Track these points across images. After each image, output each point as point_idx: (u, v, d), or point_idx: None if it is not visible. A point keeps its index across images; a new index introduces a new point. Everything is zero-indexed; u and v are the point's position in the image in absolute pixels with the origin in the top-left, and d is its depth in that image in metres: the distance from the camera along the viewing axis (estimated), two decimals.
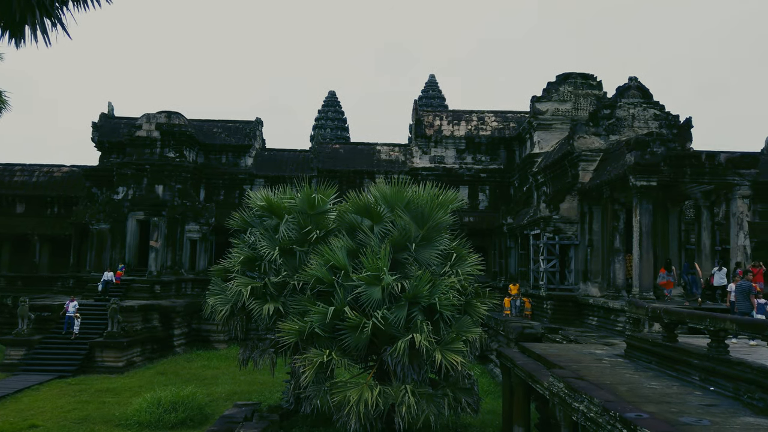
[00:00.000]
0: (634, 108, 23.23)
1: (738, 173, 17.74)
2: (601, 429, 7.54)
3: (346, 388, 10.50)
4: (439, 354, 10.64)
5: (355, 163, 33.68)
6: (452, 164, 33.45)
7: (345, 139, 50.70)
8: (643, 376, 10.28)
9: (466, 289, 12.16)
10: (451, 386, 11.66)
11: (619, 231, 20.54)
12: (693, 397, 8.55)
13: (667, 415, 7.37)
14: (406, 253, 11.62)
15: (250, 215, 13.98)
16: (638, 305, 12.67)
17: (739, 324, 9.12)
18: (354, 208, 12.68)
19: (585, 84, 28.58)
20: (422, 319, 10.86)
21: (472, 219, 31.81)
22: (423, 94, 53.20)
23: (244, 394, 17.91)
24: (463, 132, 34.10)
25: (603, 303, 19.46)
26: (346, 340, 10.87)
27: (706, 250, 19.97)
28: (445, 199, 12.35)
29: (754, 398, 8.03)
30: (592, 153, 22.61)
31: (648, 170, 17.82)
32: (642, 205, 18.18)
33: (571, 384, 8.94)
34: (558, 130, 27.94)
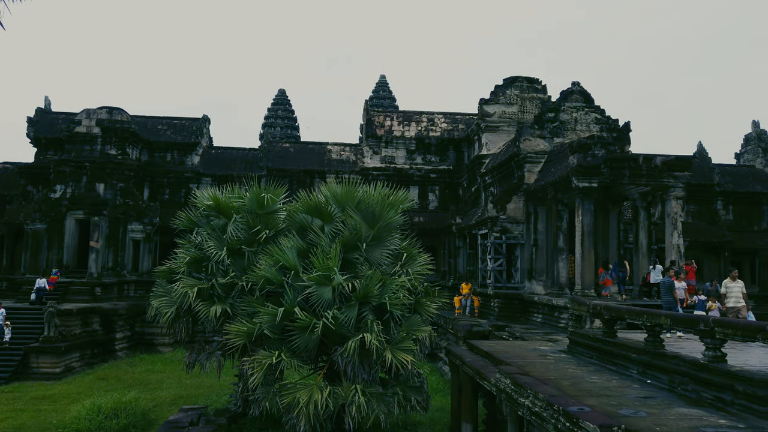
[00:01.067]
0: (577, 112, 24.05)
1: (672, 175, 18.65)
2: (545, 423, 7.78)
3: (295, 389, 10.41)
4: (390, 353, 10.70)
5: (306, 162, 33.43)
6: (403, 164, 33.69)
7: (295, 138, 50.21)
8: (584, 371, 10.66)
9: (417, 288, 12.28)
10: (401, 385, 11.75)
11: (563, 230, 21.23)
12: (631, 390, 8.93)
13: (607, 407, 7.67)
14: (356, 252, 11.63)
15: (196, 215, 13.65)
16: (580, 302, 13.13)
17: (674, 319, 9.61)
18: (304, 207, 12.58)
19: (530, 88, 29.39)
20: (373, 318, 10.90)
21: (422, 219, 32.13)
22: (374, 95, 53.34)
23: (191, 398, 17.47)
24: (413, 133, 34.41)
25: (547, 300, 20.06)
26: (296, 341, 10.78)
27: (643, 249, 20.88)
28: (395, 199, 12.43)
29: (688, 390, 8.47)
30: (537, 155, 23.27)
31: (589, 172, 18.48)
32: (584, 206, 18.84)
33: (517, 380, 9.17)
34: (505, 132, 28.61)
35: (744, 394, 7.41)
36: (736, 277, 13.96)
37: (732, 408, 7.51)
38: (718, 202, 32.25)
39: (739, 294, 13.58)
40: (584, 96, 24.33)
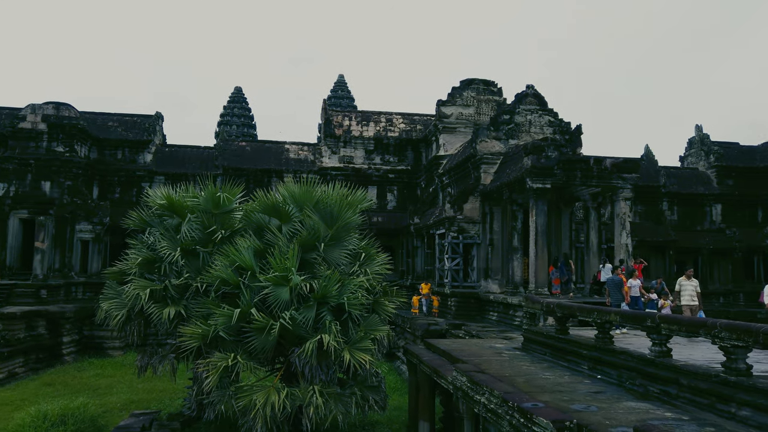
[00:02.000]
0: (531, 114, 24.60)
1: (621, 177, 19.32)
2: (500, 419, 7.93)
3: (252, 391, 10.26)
4: (348, 353, 10.68)
5: (263, 161, 33.01)
6: (361, 164, 33.69)
7: (252, 136, 49.50)
8: (538, 368, 10.92)
9: (375, 288, 12.30)
10: (359, 385, 11.75)
11: (517, 230, 21.68)
12: (582, 386, 9.21)
13: (559, 403, 7.88)
14: (314, 252, 11.56)
15: (149, 214, 13.28)
16: (534, 300, 13.44)
17: (622, 316, 9.95)
18: (262, 207, 12.43)
19: (487, 90, 29.90)
20: (331, 319, 10.86)
21: (381, 219, 32.22)
22: (332, 94, 53.15)
23: (142, 403, 16.99)
24: (371, 133, 34.45)
25: (502, 299, 20.44)
26: (252, 343, 10.63)
27: (594, 248, 21.55)
28: (354, 199, 12.42)
29: (635, 384, 8.79)
30: (493, 156, 23.69)
31: (543, 173, 18.94)
32: (538, 206, 19.30)
33: (473, 377, 9.31)
34: (462, 134, 29.02)
35: (688, 388, 7.74)
36: (691, 275, 14.30)
37: (677, 401, 7.84)
38: (664, 203, 33.59)
39: (693, 292, 13.88)
40: (538, 99, 24.91)
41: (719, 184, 33.92)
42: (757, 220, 33.24)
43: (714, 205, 33.84)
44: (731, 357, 7.14)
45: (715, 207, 33.86)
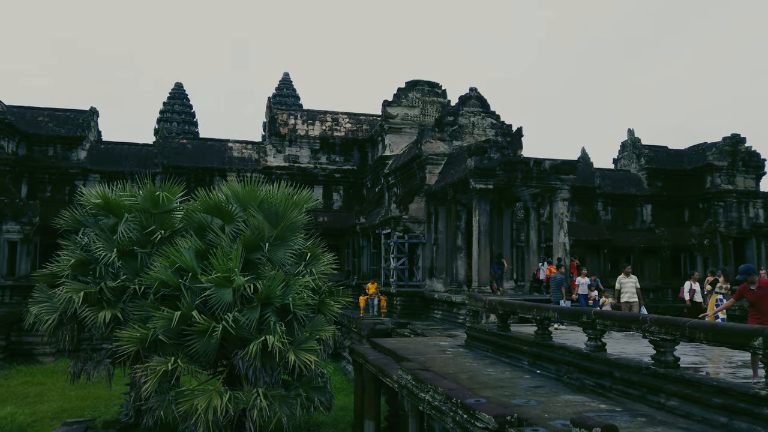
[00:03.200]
0: (474, 116, 25.12)
1: (560, 178, 20.02)
2: (444, 416, 8.06)
3: (193, 396, 10.00)
4: (293, 354, 10.57)
5: (205, 159, 32.18)
6: (307, 164, 33.42)
7: (193, 134, 48.14)
8: (481, 364, 11.16)
9: (321, 288, 12.23)
10: (304, 386, 11.65)
11: (461, 230, 22.09)
12: (523, 381, 9.49)
13: (501, 398, 8.09)
14: (259, 253, 11.38)
15: (83, 214, 12.69)
16: (477, 298, 13.73)
17: (560, 313, 10.32)
18: (203, 207, 12.11)
19: (431, 92, 30.29)
20: (275, 320, 10.72)
21: (327, 219, 32.05)
22: (277, 92, 52.42)
23: (76, 411, 16.23)
24: (317, 132, 34.24)
25: (447, 297, 20.78)
26: (194, 346, 10.35)
27: (534, 247, 22.23)
28: (299, 198, 12.30)
29: (573, 378, 9.13)
30: (437, 157, 24.03)
31: (486, 174, 19.38)
32: (480, 206, 19.73)
33: (417, 375, 9.42)
34: (407, 134, 29.28)
35: (621, 380, 8.12)
36: (630, 272, 14.64)
37: (611, 393, 8.20)
38: (599, 203, 35.05)
39: (632, 289, 14.21)
40: (481, 101, 25.47)
41: (649, 186, 35.69)
42: (683, 220, 35.18)
43: (645, 206, 35.59)
44: (660, 350, 7.53)
45: (645, 207, 35.61)
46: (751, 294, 7.68)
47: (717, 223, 32.10)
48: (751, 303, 7.76)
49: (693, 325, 7.05)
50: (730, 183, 32.79)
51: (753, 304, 7.72)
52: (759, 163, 33.24)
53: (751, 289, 7.67)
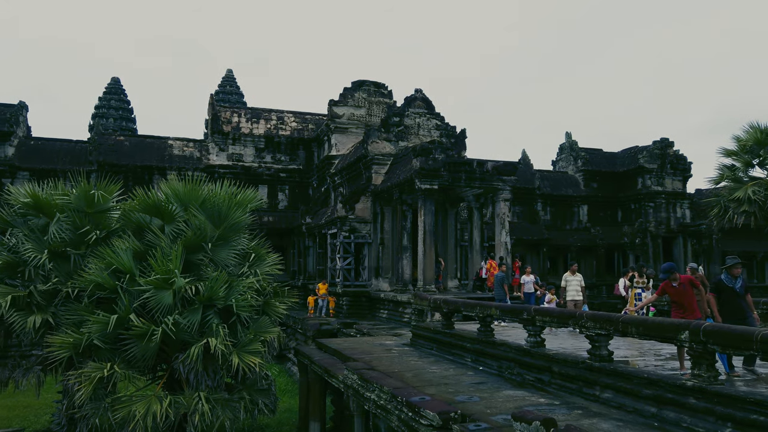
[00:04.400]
0: (420, 117, 25.42)
1: (501, 179, 20.55)
2: (390, 415, 8.12)
3: (131, 402, 9.64)
4: (236, 357, 10.37)
5: (144, 157, 31.07)
6: (251, 163, 32.85)
7: (131, 131, 46.37)
8: (426, 362, 11.31)
9: (265, 289, 12.05)
10: (248, 389, 11.45)
11: (407, 230, 22.29)
12: (466, 377, 9.68)
13: (445, 395, 8.23)
14: (201, 253, 11.09)
15: (10, 213, 11.99)
16: (422, 297, 13.91)
17: (502, 310, 10.59)
18: (142, 206, 11.68)
19: (377, 92, 30.42)
20: (218, 322, 10.48)
21: (272, 219, 31.62)
22: (220, 89, 51.21)
23: (3, 421, 15.35)
24: (262, 130, 33.71)
25: (392, 297, 20.92)
26: (131, 351, 9.98)
27: (477, 246, 22.71)
28: (243, 198, 12.07)
29: (514, 374, 9.40)
30: (383, 157, 24.16)
31: (431, 175, 19.65)
32: (426, 206, 19.98)
33: (363, 375, 9.46)
34: (354, 134, 29.28)
35: (559, 374, 8.42)
36: (576, 270, 14.85)
37: (550, 387, 8.49)
38: (539, 203, 36.19)
39: (577, 287, 14.39)
40: (426, 103, 25.79)
41: (585, 187, 37.14)
42: (617, 220, 36.80)
43: (581, 206, 37.01)
44: (595, 344, 7.86)
45: (582, 208, 37.03)
46: (673, 290, 8.17)
47: (647, 223, 33.76)
48: (673, 299, 8.25)
49: (625, 320, 7.41)
50: (659, 185, 34.54)
51: (675, 300, 8.22)
52: (686, 166, 35.17)
53: (674, 286, 8.16)
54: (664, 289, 8.31)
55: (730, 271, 7.97)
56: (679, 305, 8.15)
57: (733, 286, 7.87)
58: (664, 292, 8.34)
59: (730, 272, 7.96)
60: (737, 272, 7.94)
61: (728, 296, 7.90)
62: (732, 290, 7.87)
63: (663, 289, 8.32)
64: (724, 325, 6.78)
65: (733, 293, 7.86)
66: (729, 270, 7.98)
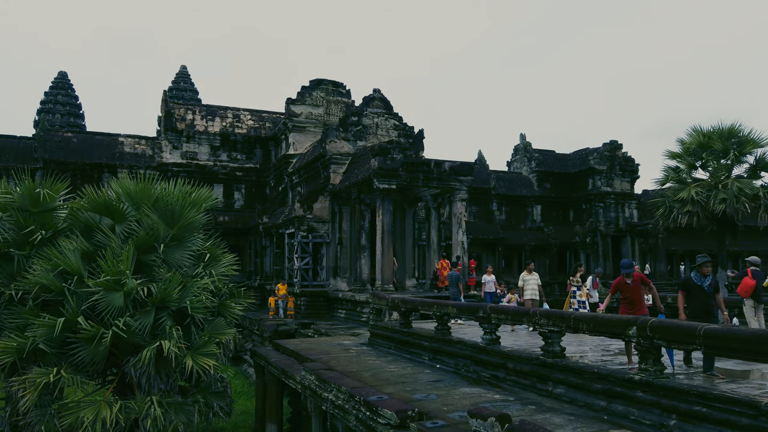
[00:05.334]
0: (378, 117, 25.47)
1: (458, 179, 20.82)
2: (347, 414, 8.12)
3: (79, 408, 9.31)
4: (190, 359, 10.15)
5: (93, 155, 30.00)
6: (206, 161, 32.20)
7: (80, 127, 44.71)
8: (384, 361, 11.35)
9: (221, 289, 11.84)
10: (202, 392, 11.23)
11: (365, 229, 22.32)
12: (424, 375, 9.76)
13: (403, 394, 8.28)
14: (153, 254, 10.80)
15: None
16: (380, 296, 13.95)
17: (459, 308, 10.73)
18: (91, 205, 11.28)
19: (336, 91, 30.32)
20: (171, 324, 10.23)
21: (228, 218, 31.08)
22: (174, 86, 49.97)
23: None
24: (218, 128, 33.08)
25: (351, 296, 20.90)
26: (79, 355, 9.63)
27: (434, 246, 22.94)
28: (198, 197, 11.81)
29: (470, 371, 9.54)
30: (342, 157, 24.10)
31: (389, 174, 19.73)
32: (384, 206, 20.04)
33: (321, 375, 9.42)
34: (312, 133, 29.09)
35: (514, 371, 8.59)
36: (533, 269, 14.80)
37: (505, 384, 8.66)
38: (494, 203, 36.85)
39: (535, 286, 14.41)
40: (384, 103, 25.88)
41: (539, 187, 38.04)
42: (569, 220, 37.82)
43: (535, 206, 37.88)
44: (549, 341, 8.07)
45: (535, 207, 37.91)
46: (626, 287, 8.38)
47: (598, 223, 34.85)
48: (624, 295, 8.39)
49: (577, 317, 7.63)
50: (609, 185, 35.68)
51: (626, 296, 8.37)
52: (634, 167, 36.45)
53: (627, 283, 8.37)
54: (617, 286, 8.45)
55: (699, 269, 7.99)
56: (629, 301, 8.32)
57: (701, 285, 7.92)
58: (618, 289, 8.47)
59: (699, 271, 7.99)
60: (707, 271, 7.97)
61: (697, 294, 7.94)
62: (701, 288, 7.92)
63: (617, 285, 8.47)
64: (670, 320, 7.08)
65: (701, 291, 7.91)
66: (699, 268, 8.00)
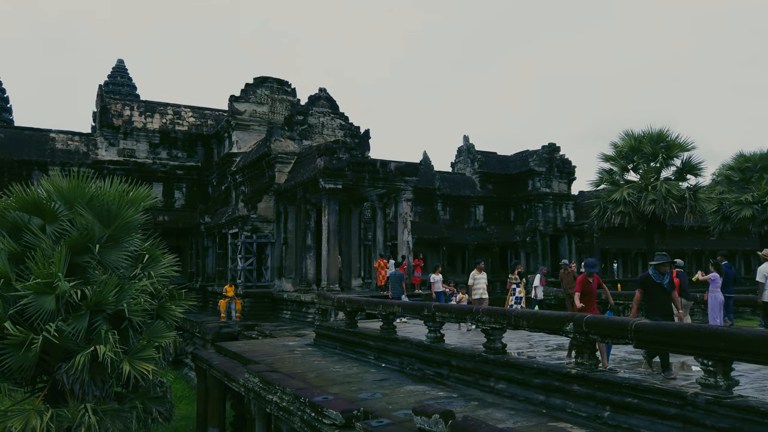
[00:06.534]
0: (324, 117, 25.36)
1: (404, 180, 21.01)
2: (292, 416, 8.05)
3: (6, 417, 8.81)
4: (127, 364, 9.78)
5: (22, 151, 28.40)
6: (145, 159, 31.09)
7: (7, 122, 42.21)
8: (329, 361, 11.32)
9: (160, 291, 11.46)
10: (140, 397, 10.85)
11: (311, 229, 22.16)
12: (369, 375, 9.81)
13: (348, 394, 8.29)
14: (88, 255, 10.34)
15: None
16: (326, 297, 13.90)
17: (404, 307, 10.84)
18: (19, 204, 10.68)
19: (280, 89, 29.92)
20: (107, 328, 9.83)
21: (168, 218, 30.13)
22: (110, 80, 47.94)
23: None
24: (157, 125, 32.00)
25: (296, 297, 20.71)
26: (6, 361, 9.10)
27: (380, 246, 23.05)
28: (136, 195, 11.39)
29: (415, 369, 9.65)
30: (287, 156, 23.83)
31: (335, 174, 19.67)
32: (330, 206, 19.97)
33: (265, 377, 9.30)
34: (256, 132, 28.59)
35: (458, 368, 8.76)
36: (482, 268, 14.88)
37: (449, 381, 8.82)
38: (439, 203, 37.41)
39: (484, 285, 14.52)
40: (330, 102, 25.78)
41: (481, 188, 38.90)
42: (510, 220, 38.86)
43: (478, 206, 38.71)
44: (490, 338, 8.27)
45: (478, 208, 38.74)
46: (588, 285, 8.54)
47: (537, 222, 35.99)
48: (584, 292, 8.52)
49: (518, 314, 7.87)
50: (547, 187, 36.90)
51: (585, 294, 8.50)
52: (570, 169, 37.85)
53: (589, 281, 8.54)
54: (581, 283, 8.55)
55: (658, 268, 8.00)
56: (588, 299, 8.45)
57: (661, 282, 7.96)
58: (582, 287, 8.54)
59: (658, 269, 7.99)
60: (665, 269, 8.01)
61: (656, 292, 7.97)
62: (660, 286, 7.96)
63: (581, 283, 8.56)
64: (604, 316, 7.41)
65: (661, 289, 7.97)
66: (658, 267, 8.01)
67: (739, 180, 25.82)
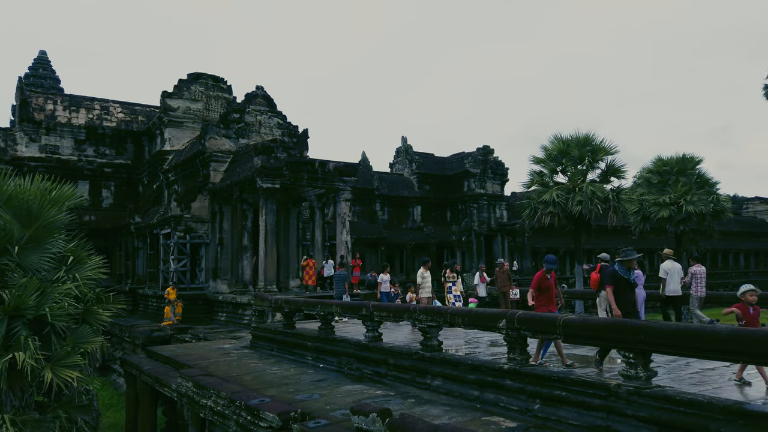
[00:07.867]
0: (261, 115, 24.95)
1: (342, 180, 21.00)
2: (227, 420, 7.90)
3: None
4: (50, 372, 9.28)
5: None
6: (69, 156, 29.51)
7: None
8: (266, 363, 11.18)
9: (86, 295, 10.93)
10: (64, 406, 10.31)
11: (247, 229, 21.76)
12: (307, 376, 9.76)
13: (285, 395, 8.22)
14: (6, 257, 9.73)
15: None
16: (263, 298, 13.70)
17: (342, 307, 10.86)
18: None
19: (216, 86, 29.16)
20: (27, 333, 9.29)
21: (95, 218, 28.75)
22: (31, 72, 45.08)
23: None
24: (83, 120, 30.46)
25: (232, 299, 20.28)
26: None
27: (319, 245, 22.94)
28: (59, 194, 10.82)
29: (353, 368, 9.69)
30: (222, 154, 23.28)
31: (273, 173, 19.41)
32: (267, 206, 19.68)
33: (199, 382, 9.07)
34: (190, 129, 27.73)
35: (395, 366, 8.87)
36: (429, 267, 14.86)
37: (386, 379, 8.91)
38: (377, 204, 37.63)
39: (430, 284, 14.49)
40: (268, 101, 25.39)
41: (419, 189, 39.45)
42: (446, 220, 39.60)
43: (415, 207, 39.22)
44: (427, 336, 8.42)
45: (416, 208, 39.26)
46: (546, 282, 8.52)
47: (472, 222, 36.87)
48: (542, 290, 8.49)
49: (453, 312, 8.05)
50: (482, 188, 37.86)
51: (543, 291, 8.47)
52: (503, 171, 39.01)
53: (547, 277, 8.53)
54: (539, 281, 8.49)
55: (626, 264, 7.96)
56: (546, 297, 8.44)
57: (628, 278, 7.97)
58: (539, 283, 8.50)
59: (625, 265, 7.95)
60: (633, 265, 8.00)
61: (624, 288, 7.97)
62: (627, 281, 7.97)
63: (540, 279, 8.50)
64: (534, 312, 7.71)
65: (629, 285, 8.00)
66: (626, 263, 7.96)
67: (657, 182, 27.42)
